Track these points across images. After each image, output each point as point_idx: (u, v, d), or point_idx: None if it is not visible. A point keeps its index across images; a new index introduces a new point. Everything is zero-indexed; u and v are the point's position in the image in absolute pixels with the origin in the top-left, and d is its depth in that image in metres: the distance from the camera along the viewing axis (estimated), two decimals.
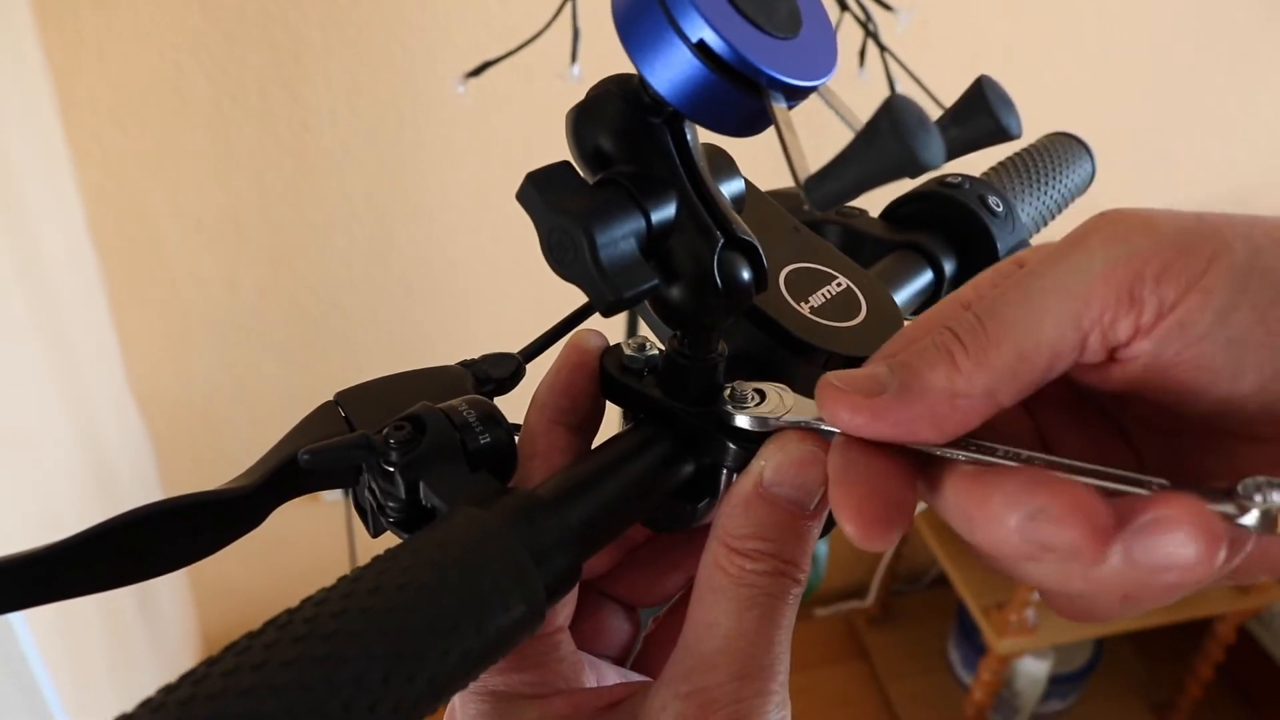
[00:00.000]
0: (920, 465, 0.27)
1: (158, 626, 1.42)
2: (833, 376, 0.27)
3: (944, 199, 0.47)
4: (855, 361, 0.35)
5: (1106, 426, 0.29)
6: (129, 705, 0.21)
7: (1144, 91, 1.56)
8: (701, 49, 0.25)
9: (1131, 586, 0.24)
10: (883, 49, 0.96)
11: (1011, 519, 0.23)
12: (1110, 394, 0.27)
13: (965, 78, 0.26)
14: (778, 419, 0.30)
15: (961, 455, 0.26)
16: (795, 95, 0.26)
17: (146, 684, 1.25)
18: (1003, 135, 0.25)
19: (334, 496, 1.52)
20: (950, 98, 0.22)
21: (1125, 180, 1.64)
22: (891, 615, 2.10)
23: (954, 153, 0.24)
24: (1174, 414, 0.26)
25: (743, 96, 0.25)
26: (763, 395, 0.31)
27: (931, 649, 2.04)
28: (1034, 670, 1.75)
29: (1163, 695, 1.95)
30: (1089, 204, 0.57)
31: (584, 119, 0.29)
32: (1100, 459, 0.26)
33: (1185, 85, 1.56)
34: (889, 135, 0.21)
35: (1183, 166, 1.67)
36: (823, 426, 0.29)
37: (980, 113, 0.25)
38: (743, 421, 0.30)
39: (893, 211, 0.49)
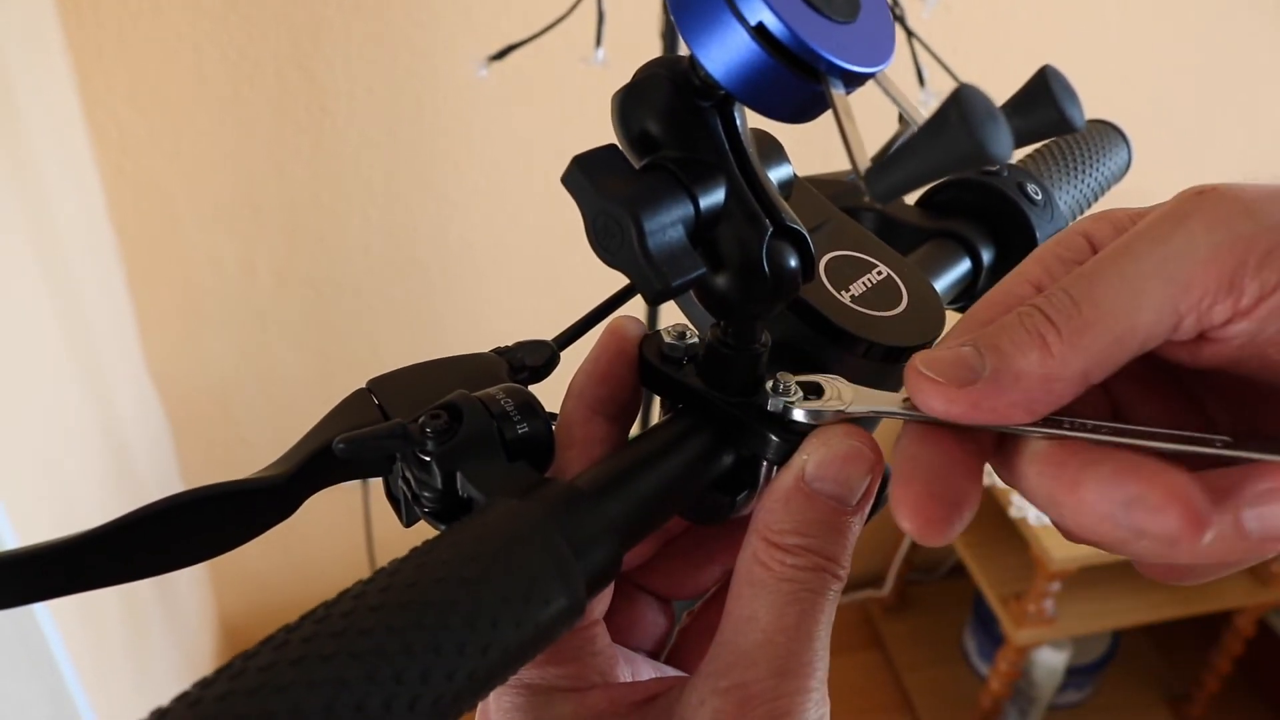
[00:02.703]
0: (992, 443, 0.27)
1: (175, 609, 1.43)
2: (920, 362, 0.26)
3: (982, 187, 0.46)
4: (896, 351, 0.34)
5: (1178, 392, 0.29)
6: (147, 686, 0.20)
7: (1170, 75, 1.54)
8: (760, 32, 0.24)
9: (1237, 554, 0.24)
10: (910, 34, 0.95)
11: (1106, 507, 0.23)
12: (1194, 368, 0.27)
13: (990, 63, 0.25)
14: (833, 411, 0.29)
15: (1037, 432, 0.26)
16: (854, 81, 0.25)
17: (164, 666, 1.26)
18: (1066, 127, 0.24)
19: (351, 482, 1.53)
20: (975, 83, 0.21)
21: (1153, 165, 1.62)
22: (907, 604, 2.10)
23: (1015, 144, 0.24)
24: (1257, 385, 0.26)
25: (800, 82, 0.24)
26: (811, 387, 0.30)
27: (947, 639, 2.03)
28: (1051, 661, 1.74)
29: (1180, 688, 1.95)
30: (1121, 188, 0.57)
31: (631, 101, 0.28)
32: (1170, 425, 0.26)
33: (1212, 67, 1.55)
34: (958, 126, 0.20)
35: (1209, 151, 1.64)
36: (886, 412, 0.29)
37: (1044, 104, 0.24)
38: (799, 415, 0.30)
39: (929, 199, 0.48)
